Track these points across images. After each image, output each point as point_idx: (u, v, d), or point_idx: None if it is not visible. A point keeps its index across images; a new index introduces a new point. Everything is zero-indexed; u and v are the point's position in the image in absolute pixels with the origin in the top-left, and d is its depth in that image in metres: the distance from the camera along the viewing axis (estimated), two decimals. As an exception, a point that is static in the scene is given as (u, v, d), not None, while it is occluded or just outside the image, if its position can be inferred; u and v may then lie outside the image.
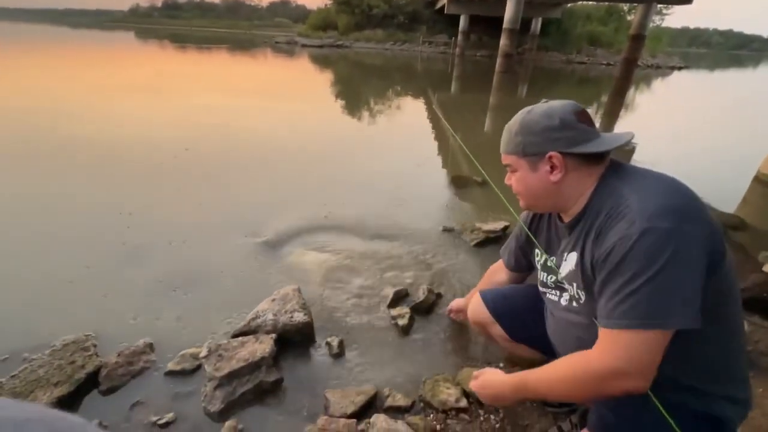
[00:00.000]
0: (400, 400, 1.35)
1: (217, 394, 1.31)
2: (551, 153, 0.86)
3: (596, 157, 0.87)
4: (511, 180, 0.97)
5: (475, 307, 1.35)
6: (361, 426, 1.21)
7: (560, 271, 0.98)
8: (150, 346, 1.53)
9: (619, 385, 0.74)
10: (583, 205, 0.88)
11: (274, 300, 1.66)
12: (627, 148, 5.94)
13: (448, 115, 7.68)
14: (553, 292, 1.05)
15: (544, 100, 0.93)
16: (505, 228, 2.50)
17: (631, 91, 13.80)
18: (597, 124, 0.88)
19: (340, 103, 8.84)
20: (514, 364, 1.48)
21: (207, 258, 2.18)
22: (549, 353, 1.18)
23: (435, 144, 5.37)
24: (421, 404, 1.35)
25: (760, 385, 1.41)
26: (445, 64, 20.25)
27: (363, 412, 1.29)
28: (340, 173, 3.67)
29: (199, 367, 1.44)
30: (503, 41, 16.85)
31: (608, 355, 0.74)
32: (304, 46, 28.79)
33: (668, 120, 8.93)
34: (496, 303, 1.30)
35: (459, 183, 3.54)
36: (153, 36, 28.80)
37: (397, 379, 1.46)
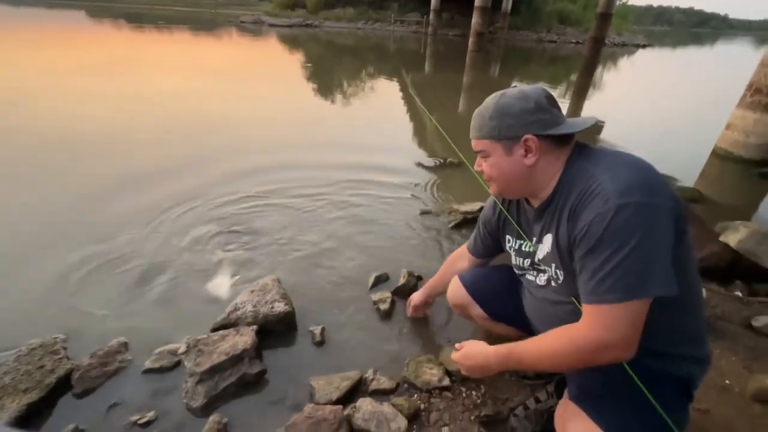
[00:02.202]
0: (384, 383, 1.37)
1: (198, 390, 1.29)
2: (527, 136, 0.87)
3: (565, 140, 0.89)
4: (483, 166, 0.97)
5: (454, 289, 1.37)
6: (347, 411, 1.23)
7: (537, 253, 1.00)
8: (124, 346, 1.48)
9: (607, 356, 0.77)
10: (553, 187, 0.90)
11: (253, 291, 1.63)
12: (596, 125, 6.13)
13: (423, 96, 7.64)
14: (531, 272, 1.08)
15: (514, 84, 0.93)
16: (481, 208, 2.53)
17: (598, 70, 14.11)
18: (568, 103, 0.90)
19: (313, 85, 8.59)
20: (493, 341, 1.52)
21: (179, 251, 2.10)
22: (527, 331, 1.23)
23: (410, 126, 5.35)
24: (406, 386, 1.38)
25: (716, 347, 1.53)
26: (417, 44, 19.98)
27: (349, 397, 1.31)
28: (311, 160, 3.57)
29: (178, 363, 1.41)
30: (475, 20, 16.75)
31: (596, 328, 0.77)
32: (271, 25, 27.58)
33: (633, 97, 9.24)
34: (474, 285, 1.33)
35: (435, 164, 3.55)
36: (107, 15, 26.76)
37: (381, 362, 1.48)
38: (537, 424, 1.21)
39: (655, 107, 7.64)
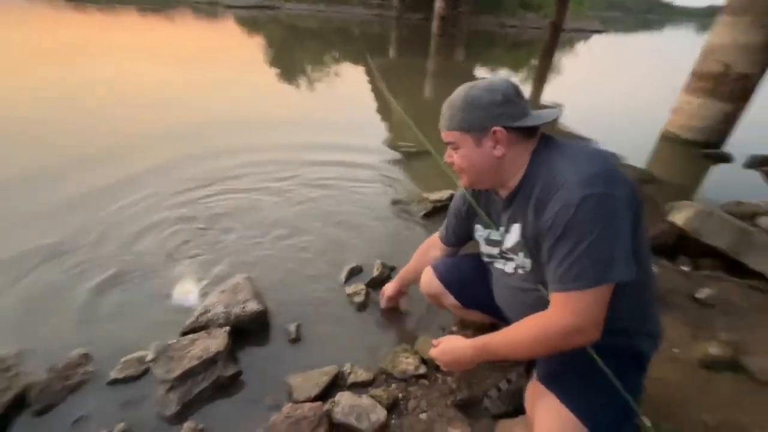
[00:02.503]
0: (362, 375, 1.39)
1: (171, 397, 1.25)
2: (496, 128, 0.89)
3: (531, 132, 0.92)
4: (453, 157, 0.98)
5: (427, 279, 1.40)
6: (327, 406, 1.23)
7: (505, 242, 1.03)
8: (85, 357, 1.40)
9: (578, 340, 0.82)
10: (520, 178, 0.93)
11: (223, 292, 1.59)
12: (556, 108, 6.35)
13: (388, 81, 7.57)
14: (499, 261, 1.12)
15: (481, 78, 0.94)
16: (451, 196, 2.58)
17: (557, 55, 14.53)
18: (530, 87, 0.92)
19: (275, 70, 8.29)
20: (466, 327, 1.58)
21: (138, 251, 1.99)
22: (499, 316, 1.28)
23: (377, 112, 5.29)
24: (383, 376, 1.41)
25: (666, 319, 1.66)
26: (381, 28, 19.68)
27: (327, 393, 1.31)
28: (275, 147, 3.47)
29: (146, 371, 1.36)
30: (439, 3, 16.67)
31: (566, 315, 0.81)
32: (228, 7, 26.11)
33: (590, 82, 9.63)
34: (446, 275, 1.36)
35: (403, 153, 3.55)
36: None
37: (358, 355, 1.49)
38: (509, 404, 1.27)
39: (610, 91, 8.01)
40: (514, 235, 0.99)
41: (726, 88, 3.81)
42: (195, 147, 3.35)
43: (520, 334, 0.91)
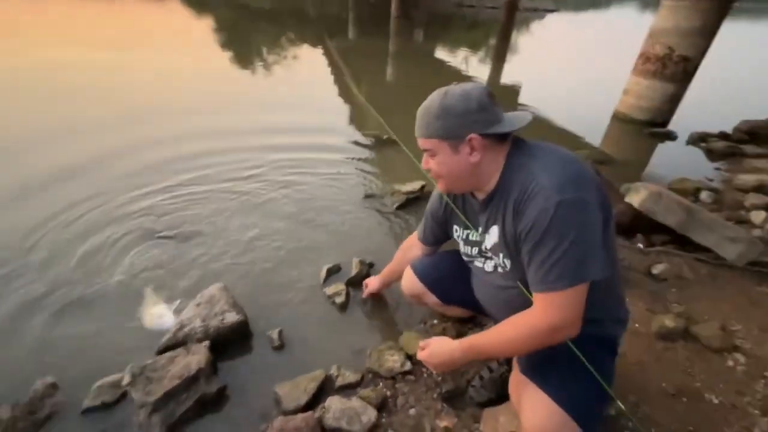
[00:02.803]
0: (349, 377, 1.40)
1: (154, 421, 1.21)
2: (471, 135, 0.90)
3: (505, 136, 0.94)
4: (430, 164, 0.99)
5: (407, 280, 1.43)
6: (318, 413, 1.24)
7: (484, 243, 1.06)
8: (53, 386, 1.31)
9: (560, 336, 0.88)
10: (496, 182, 0.95)
11: (199, 305, 1.53)
12: (514, 89, 6.52)
13: (350, 65, 7.39)
14: (479, 259, 1.15)
15: (455, 83, 0.94)
16: (423, 187, 2.61)
17: (514, 34, 14.76)
18: (489, 67, 0.93)
19: (229, 54, 7.84)
20: (446, 320, 1.63)
21: (97, 266, 1.87)
22: (478, 310, 1.34)
23: (339, 100, 5.16)
24: (370, 376, 1.43)
25: (626, 295, 1.80)
26: (338, 7, 19.01)
27: (317, 398, 1.32)
28: (236, 141, 3.31)
29: (123, 395, 1.30)
30: (396, -19, 16.24)
31: (548, 314, 0.86)
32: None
33: (545, 61, 9.90)
34: (426, 274, 1.39)
35: (370, 143, 3.51)
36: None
37: (343, 356, 1.50)
38: (492, 392, 1.34)
39: (566, 71, 8.28)
40: (493, 236, 1.02)
41: (670, 70, 4.06)
42: (143, 140, 3.15)
43: (506, 333, 0.95)
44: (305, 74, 6.76)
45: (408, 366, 1.43)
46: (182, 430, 1.22)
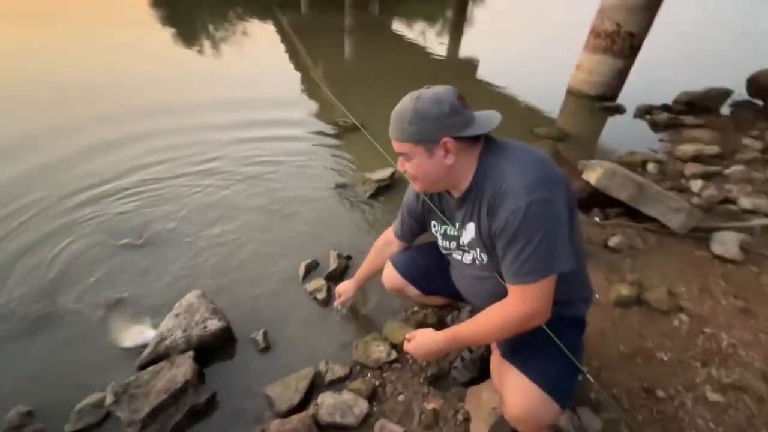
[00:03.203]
0: (338, 371, 1.45)
1: (144, 437, 1.20)
2: (445, 139, 0.93)
3: (477, 137, 0.98)
4: (405, 166, 1.03)
5: (388, 274, 1.47)
6: (311, 411, 1.28)
7: (461, 238, 1.12)
8: (29, 415, 1.25)
9: (533, 323, 0.97)
10: (470, 180, 1.01)
11: (178, 315, 1.49)
12: (472, 64, 6.58)
13: (304, 41, 7.07)
14: (457, 252, 1.21)
15: (426, 86, 0.96)
16: (393, 174, 2.63)
17: (470, 6, 14.69)
18: (447, 42, 0.95)
19: (171, 31, 7.24)
20: (426, 307, 1.70)
21: (60, 279, 1.76)
22: (456, 298, 1.41)
23: (297, 83, 4.94)
24: (358, 368, 1.48)
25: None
26: (287, -24, 17.88)
27: (308, 396, 1.36)
28: (191, 129, 3.15)
29: (107, 415, 1.27)
30: (346, -51, 15.47)
31: (523, 304, 0.94)
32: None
33: (502, 35, 9.99)
34: (407, 268, 1.43)
35: (334, 130, 3.43)
36: None
37: (330, 351, 1.54)
38: (474, 371, 1.44)
39: (521, 45, 8.42)
40: (470, 232, 1.08)
41: (618, 46, 4.25)
42: (82, 131, 2.92)
43: (485, 324, 1.03)
44: (258, 54, 6.40)
45: (394, 355, 1.50)
46: (176, 443, 1.22)
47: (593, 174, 2.29)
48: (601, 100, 4.52)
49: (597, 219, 2.35)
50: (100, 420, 1.26)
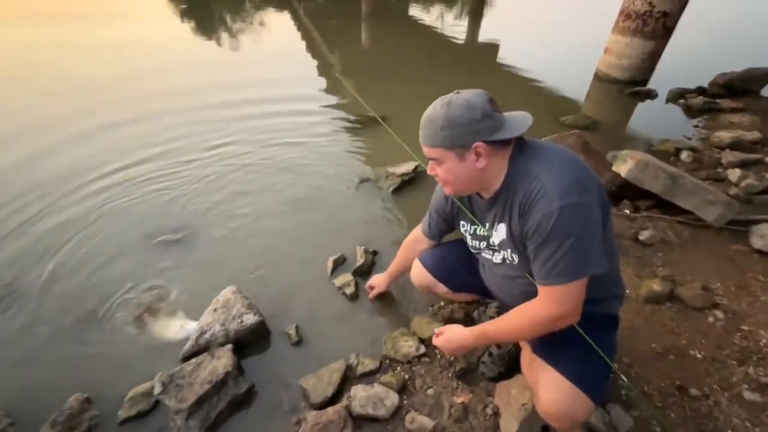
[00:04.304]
0: (368, 364, 1.49)
1: (191, 424, 1.28)
2: (477, 143, 0.94)
3: (508, 140, 0.98)
4: (436, 170, 1.04)
5: (417, 272, 1.50)
6: (344, 402, 1.34)
7: (492, 239, 1.13)
8: (87, 401, 1.35)
9: (562, 324, 0.98)
10: (501, 183, 1.01)
11: (216, 310, 1.57)
12: (492, 47, 6.40)
13: (321, 28, 7.03)
14: (487, 251, 1.22)
15: (456, 91, 0.96)
16: (416, 168, 2.62)
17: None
18: (466, 25, 0.94)
19: (189, 23, 7.34)
20: (453, 302, 1.71)
21: (110, 274, 1.86)
22: (485, 295, 1.43)
23: (314, 75, 4.94)
24: (387, 361, 1.53)
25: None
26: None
27: (341, 388, 1.41)
28: (213, 125, 3.26)
29: (156, 403, 1.36)
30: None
31: (553, 305, 0.96)
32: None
33: (525, 18, 9.64)
34: (435, 266, 1.46)
35: (356, 125, 3.42)
36: None
37: (360, 345, 1.59)
38: (502, 366, 1.46)
39: (545, 28, 8.12)
40: (501, 233, 1.08)
41: (650, 27, 4.05)
42: (112, 119, 3.14)
43: (514, 322, 1.05)
44: (275, 45, 6.42)
45: (422, 350, 1.53)
46: (219, 429, 1.30)
47: (624, 166, 2.23)
48: (630, 85, 4.34)
49: (627, 212, 2.29)
50: (150, 408, 1.35)
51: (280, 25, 7.83)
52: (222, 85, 4.17)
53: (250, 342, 1.55)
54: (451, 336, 1.19)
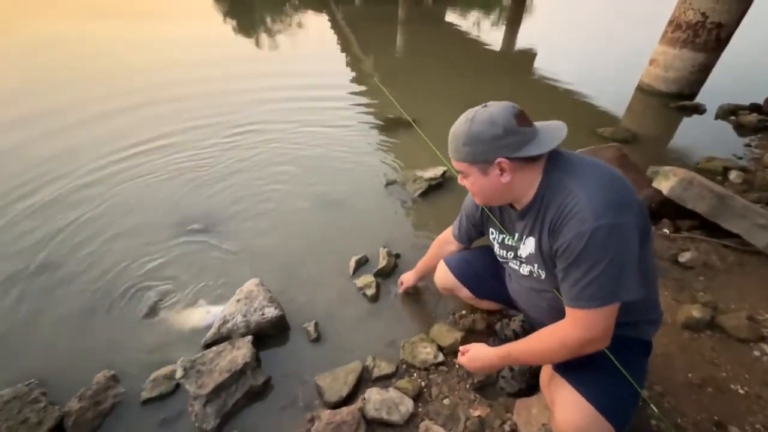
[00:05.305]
0: (385, 368, 1.47)
1: (208, 411, 1.30)
2: (499, 159, 0.91)
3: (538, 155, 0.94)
4: (465, 182, 1.03)
5: (441, 274, 1.47)
6: (359, 404, 1.33)
7: (520, 252, 1.09)
8: (113, 378, 1.41)
9: (589, 349, 0.93)
10: (533, 196, 0.97)
11: (239, 300, 1.60)
12: (529, 55, 6.27)
13: (357, 32, 7.12)
14: (514, 262, 1.18)
15: (484, 105, 0.94)
16: (444, 173, 2.59)
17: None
18: (502, 33, 0.91)
19: (231, 24, 7.61)
20: (475, 311, 1.67)
21: (141, 258, 1.94)
22: (509, 305, 1.39)
23: (348, 75, 4.98)
24: (404, 366, 1.50)
25: (652, 285, 1.82)
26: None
27: (356, 389, 1.40)
28: (248, 122, 3.34)
29: (177, 387, 1.39)
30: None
31: (581, 329, 0.90)
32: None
33: (563, 25, 9.40)
34: (460, 269, 1.43)
35: (386, 126, 3.43)
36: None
37: (377, 347, 1.57)
38: (522, 382, 1.40)
39: (585, 37, 7.88)
40: (529, 247, 1.05)
41: (702, 38, 3.84)
42: (162, 120, 3.24)
43: (540, 344, 1.00)
44: (311, 46, 6.54)
45: (440, 358, 1.50)
46: (235, 419, 1.32)
47: (666, 182, 2.11)
48: (676, 99, 4.12)
49: (666, 231, 2.17)
50: (171, 390, 1.38)
51: (318, 26, 7.98)
52: (258, 81, 4.29)
53: (269, 335, 1.57)
54: (477, 355, 1.15)
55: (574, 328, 0.91)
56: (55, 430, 1.26)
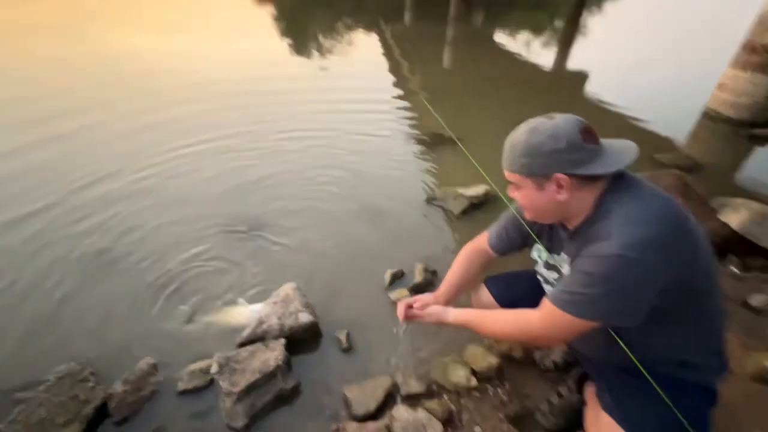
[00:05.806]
0: (415, 387, 1.43)
1: (238, 410, 1.32)
2: (558, 175, 0.86)
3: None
4: (516, 194, 0.98)
5: (483, 300, 1.40)
6: (385, 421, 1.29)
7: (564, 271, 1.03)
8: (154, 367, 1.48)
9: (539, 344, 1.06)
10: (585, 217, 0.91)
11: (275, 303, 1.63)
12: (580, 77, 6.06)
13: (404, 51, 7.26)
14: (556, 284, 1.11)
15: (548, 115, 0.89)
16: (486, 193, 2.53)
17: (584, 15, 13.58)
18: (554, 53, 0.86)
19: (287, 41, 8.04)
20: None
21: (184, 259, 2.05)
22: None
23: (394, 91, 5.05)
24: (435, 387, 1.45)
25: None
26: (395, -11, 18.60)
27: (384, 405, 1.37)
28: (293, 137, 3.46)
29: (211, 381, 1.44)
30: (457, -40, 15.52)
31: (545, 327, 0.93)
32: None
33: (619, 46, 9.03)
34: (500, 291, 1.37)
35: (429, 142, 3.42)
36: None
37: (408, 364, 1.53)
38: (561, 418, 1.30)
39: (643, 59, 7.52)
40: (568, 267, 0.99)
41: (780, 63, 3.54)
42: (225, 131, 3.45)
43: (499, 324, 1.05)
44: (359, 64, 6.74)
45: (474, 382, 1.44)
46: (263, 421, 1.34)
47: (735, 216, 1.93)
48: (748, 127, 3.79)
49: (734, 269, 1.97)
50: (205, 384, 1.43)
51: (367, 44, 8.24)
52: (310, 95, 4.49)
53: (301, 340, 1.59)
54: (434, 312, 1.20)
55: (541, 321, 0.93)
56: (100, 410, 1.33)
